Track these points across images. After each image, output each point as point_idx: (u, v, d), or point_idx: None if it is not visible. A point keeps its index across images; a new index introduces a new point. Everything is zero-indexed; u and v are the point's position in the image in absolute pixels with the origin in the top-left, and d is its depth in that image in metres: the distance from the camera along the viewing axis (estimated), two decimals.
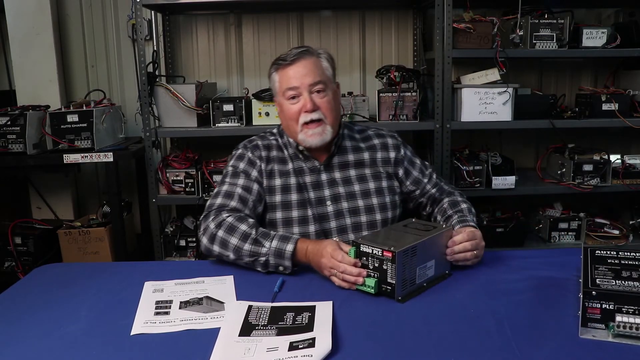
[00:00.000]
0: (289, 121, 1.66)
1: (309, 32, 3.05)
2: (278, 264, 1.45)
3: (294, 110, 1.63)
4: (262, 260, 1.46)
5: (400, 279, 1.27)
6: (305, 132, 1.63)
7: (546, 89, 3.07)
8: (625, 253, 1.23)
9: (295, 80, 1.62)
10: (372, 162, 1.75)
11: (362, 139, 1.80)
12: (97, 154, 2.54)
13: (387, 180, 1.75)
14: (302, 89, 1.62)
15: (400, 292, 1.28)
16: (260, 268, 1.48)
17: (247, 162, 1.69)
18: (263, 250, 1.46)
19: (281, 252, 1.45)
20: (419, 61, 3.00)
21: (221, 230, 1.51)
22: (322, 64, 1.66)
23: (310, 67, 1.63)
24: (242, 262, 1.49)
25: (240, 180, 1.65)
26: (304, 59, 1.63)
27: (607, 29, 2.61)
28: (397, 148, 1.78)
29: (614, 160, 2.69)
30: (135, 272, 1.53)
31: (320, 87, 1.63)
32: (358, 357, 1.05)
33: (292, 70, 1.63)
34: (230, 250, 1.49)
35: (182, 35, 3.06)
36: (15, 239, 2.74)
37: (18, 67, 2.94)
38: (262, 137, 1.77)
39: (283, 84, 1.65)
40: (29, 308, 1.30)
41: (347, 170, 1.73)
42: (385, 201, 1.72)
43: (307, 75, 1.62)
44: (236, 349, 1.08)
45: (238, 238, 1.49)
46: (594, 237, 2.74)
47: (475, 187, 2.64)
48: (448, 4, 2.49)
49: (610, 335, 1.07)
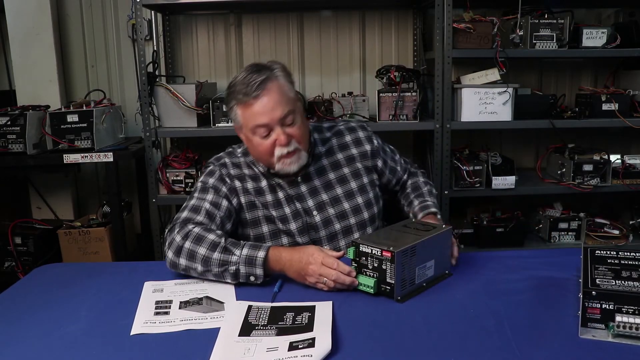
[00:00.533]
0: (261, 155, 1.55)
1: (309, 32, 3.05)
2: (249, 273, 1.37)
3: (266, 146, 1.51)
4: (232, 269, 1.38)
5: (399, 279, 1.27)
6: (282, 162, 1.53)
7: (546, 89, 3.07)
8: (625, 253, 1.23)
9: (264, 117, 1.48)
10: (349, 160, 1.70)
11: (334, 135, 1.73)
12: (97, 154, 2.54)
13: (367, 175, 1.71)
14: (273, 124, 1.49)
15: (399, 292, 1.28)
16: (230, 279, 1.39)
17: (218, 179, 1.60)
18: (233, 259, 1.38)
19: (252, 259, 1.37)
20: (419, 61, 3.00)
21: (188, 242, 1.42)
22: (283, 87, 1.52)
23: (275, 97, 1.48)
24: (211, 274, 1.41)
25: (208, 195, 1.57)
26: (267, 88, 1.48)
27: (607, 29, 2.61)
28: (370, 140, 1.73)
29: (614, 160, 2.69)
30: (135, 272, 1.53)
31: (290, 118, 1.50)
32: (358, 357, 1.05)
33: (257, 105, 1.48)
34: (199, 261, 1.40)
35: (182, 35, 3.06)
36: (15, 239, 2.74)
37: (18, 67, 2.94)
38: (229, 154, 1.69)
39: (250, 121, 1.50)
40: (29, 308, 1.30)
41: (326, 175, 1.67)
42: (370, 197, 1.69)
43: (275, 109, 1.48)
44: (236, 349, 1.08)
45: (206, 248, 1.40)
46: (594, 237, 2.74)
47: (475, 187, 2.64)
48: (448, 4, 2.49)
49: (610, 335, 1.07)
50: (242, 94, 1.49)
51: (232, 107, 1.54)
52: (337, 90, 2.92)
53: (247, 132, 1.54)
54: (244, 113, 1.51)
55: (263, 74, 1.49)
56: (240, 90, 1.49)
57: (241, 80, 1.50)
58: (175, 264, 1.44)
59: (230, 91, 1.54)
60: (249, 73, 1.50)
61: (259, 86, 1.47)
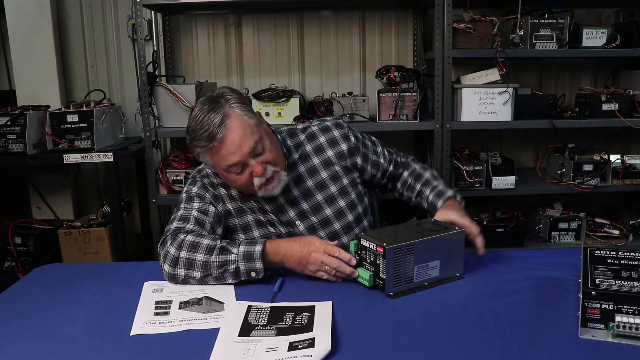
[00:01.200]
0: (242, 187, 1.53)
1: (309, 32, 3.05)
2: (249, 269, 1.37)
3: (244, 180, 1.48)
4: (232, 268, 1.38)
5: (391, 274, 1.29)
6: (265, 189, 1.50)
7: (546, 89, 3.07)
8: (625, 253, 1.23)
9: (234, 157, 1.43)
10: (326, 163, 1.65)
11: (307, 139, 1.67)
12: (97, 154, 2.54)
13: (347, 176, 1.66)
14: (245, 159, 1.44)
15: (391, 288, 1.30)
16: (231, 279, 1.39)
17: (201, 187, 1.59)
18: (231, 257, 1.38)
19: (250, 254, 1.37)
20: (419, 61, 3.00)
21: (183, 251, 1.41)
22: (242, 117, 1.44)
23: (239, 132, 1.42)
24: (211, 278, 1.40)
25: (195, 204, 1.55)
26: (227, 126, 1.41)
27: (607, 29, 2.61)
28: (346, 138, 1.67)
29: (614, 160, 2.69)
30: (135, 272, 1.53)
31: (259, 148, 1.45)
32: (358, 357, 1.05)
33: (224, 147, 1.42)
34: (198, 268, 1.39)
35: (182, 35, 3.06)
36: (15, 239, 2.74)
37: (18, 67, 2.94)
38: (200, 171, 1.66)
39: (221, 163, 1.45)
40: (29, 308, 1.30)
41: (304, 183, 1.63)
42: (352, 198, 1.66)
43: (242, 145, 1.42)
44: (236, 349, 1.08)
45: (203, 253, 1.40)
46: (594, 237, 2.74)
47: (475, 187, 2.64)
48: (448, 4, 2.49)
49: (610, 336, 1.07)
50: (204, 141, 1.43)
51: (199, 153, 1.48)
52: (337, 90, 2.92)
53: (220, 171, 1.51)
54: (212, 157, 1.47)
55: (219, 112, 1.42)
56: (201, 136, 1.43)
57: (199, 123, 1.43)
58: (174, 276, 1.42)
59: (191, 138, 1.47)
60: (205, 114, 1.43)
61: (219, 127, 1.41)
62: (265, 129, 1.53)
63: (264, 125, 1.53)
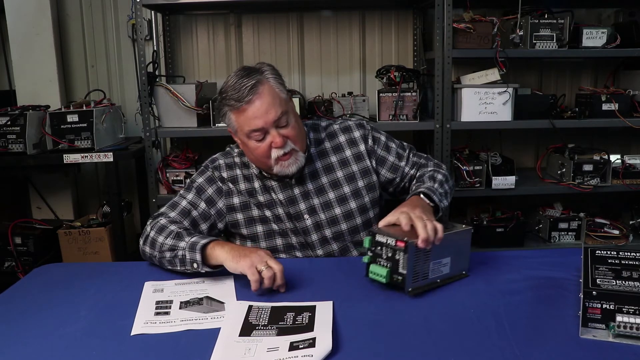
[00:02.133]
0: (258, 157, 1.55)
1: (309, 32, 3.05)
2: (192, 259, 1.39)
3: (263, 149, 1.51)
4: (180, 254, 1.41)
5: (411, 270, 1.27)
6: (280, 164, 1.53)
7: (546, 89, 3.07)
8: (625, 253, 1.23)
9: (258, 121, 1.48)
10: (343, 163, 1.66)
11: (328, 136, 1.69)
12: (97, 154, 2.54)
13: (364, 178, 1.66)
14: (268, 127, 1.49)
15: (410, 284, 1.28)
16: (180, 266, 1.43)
17: (206, 180, 1.62)
18: (181, 244, 1.42)
19: (194, 244, 1.39)
20: (419, 61, 3.00)
21: (153, 231, 1.51)
22: (274, 89, 1.51)
23: (268, 99, 1.48)
24: (166, 260, 1.45)
25: (190, 195, 1.61)
26: (258, 92, 1.47)
27: (607, 29, 2.61)
28: (364, 139, 1.68)
29: (614, 160, 2.69)
30: (135, 272, 1.53)
31: (283, 120, 1.50)
32: (358, 357, 1.05)
33: (250, 110, 1.47)
34: (157, 248, 1.47)
35: (182, 35, 3.06)
36: (15, 239, 2.74)
37: (18, 67, 2.94)
38: (225, 155, 1.69)
39: (244, 126, 1.50)
40: (29, 308, 1.30)
41: (319, 179, 1.64)
42: (365, 202, 1.65)
43: (268, 112, 1.47)
44: (236, 349, 1.08)
45: (165, 236, 1.47)
46: (594, 237, 2.74)
47: (475, 187, 2.64)
48: (448, 4, 2.49)
49: (611, 336, 1.07)
50: (234, 100, 1.49)
51: (225, 113, 1.54)
52: (337, 90, 2.92)
53: (242, 136, 1.55)
54: (237, 119, 1.52)
55: (253, 78, 1.48)
56: (232, 96, 1.49)
57: (232, 85, 1.50)
58: (143, 252, 1.53)
59: (221, 97, 1.54)
60: (239, 78, 1.49)
61: (251, 90, 1.47)
62: (293, 108, 1.59)
63: (292, 105, 1.60)
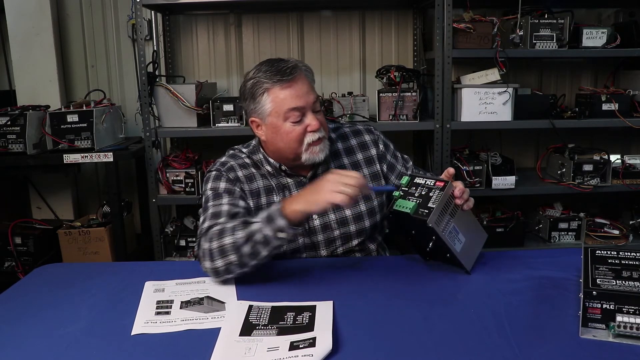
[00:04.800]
0: (290, 143, 1.51)
1: (309, 32, 3.05)
2: (276, 230, 1.33)
3: (298, 133, 1.50)
4: (260, 237, 1.33)
5: (440, 206, 1.32)
6: (311, 150, 1.52)
7: (546, 89, 3.07)
8: (625, 253, 1.23)
9: (300, 100, 1.48)
10: (354, 166, 1.67)
11: (339, 138, 1.70)
12: (97, 154, 2.54)
13: (373, 182, 1.67)
14: (308, 108, 1.50)
15: (434, 218, 1.32)
16: (265, 250, 1.34)
17: (227, 181, 1.56)
18: (255, 227, 1.34)
19: (270, 215, 1.34)
20: (419, 61, 3.00)
21: (214, 242, 1.37)
22: (309, 78, 1.55)
23: (306, 83, 1.51)
24: (246, 256, 1.34)
25: (224, 199, 1.51)
26: (297, 75, 1.50)
27: (607, 29, 2.61)
28: (375, 143, 1.70)
29: (614, 160, 2.69)
30: (135, 272, 1.53)
31: (318, 105, 1.54)
32: (358, 357, 1.05)
33: (292, 89, 1.48)
34: (231, 252, 1.34)
35: (182, 35, 3.06)
36: (15, 239, 2.74)
37: (18, 67, 2.94)
38: (233, 157, 1.64)
39: (283, 105, 1.48)
40: (29, 308, 1.30)
41: None
42: (374, 205, 1.65)
43: (309, 93, 1.50)
44: (237, 349, 1.08)
45: (229, 235, 1.36)
46: (594, 237, 2.74)
47: (475, 187, 2.64)
48: (448, 4, 2.49)
49: (611, 335, 1.07)
50: (276, 78, 1.48)
51: (261, 94, 1.50)
52: (337, 90, 2.92)
53: (275, 119, 1.50)
54: (276, 97, 1.49)
55: (290, 62, 1.51)
56: (272, 76, 1.48)
57: (268, 69, 1.50)
58: (216, 270, 1.38)
59: (255, 81, 1.51)
60: (275, 62, 1.51)
61: (293, 70, 1.49)
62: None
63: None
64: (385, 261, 1.65)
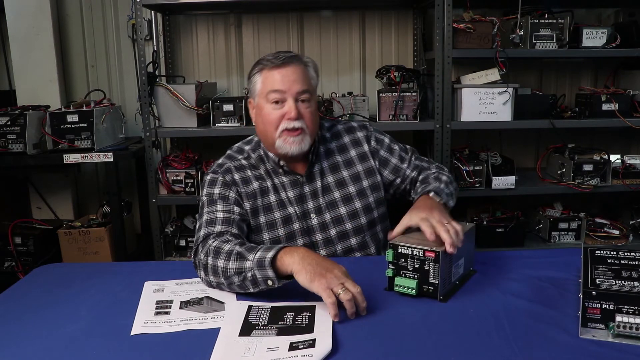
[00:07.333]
0: (267, 125, 1.56)
1: (309, 32, 3.05)
2: (264, 277, 1.26)
3: (275, 116, 1.54)
4: (250, 276, 1.28)
5: (442, 278, 1.26)
6: (285, 138, 1.54)
7: (546, 89, 3.07)
8: (625, 253, 1.23)
9: (281, 84, 1.53)
10: (348, 163, 1.68)
11: (333, 136, 1.72)
12: (97, 154, 2.54)
13: (368, 178, 1.68)
14: (288, 95, 1.53)
15: (442, 292, 1.27)
16: (252, 287, 1.29)
17: (222, 186, 1.57)
18: (247, 265, 1.28)
19: (261, 261, 1.26)
20: (419, 61, 3.00)
21: (210, 258, 1.37)
22: (309, 73, 1.59)
23: (299, 73, 1.55)
24: (235, 286, 1.32)
25: (218, 206, 1.53)
26: (293, 64, 1.55)
27: (607, 29, 2.61)
28: (367, 140, 1.71)
29: (614, 160, 2.69)
30: (135, 272, 1.53)
31: (306, 97, 1.55)
32: (358, 357, 1.05)
33: (279, 73, 1.54)
34: (221, 274, 1.33)
35: (182, 35, 3.06)
36: (15, 239, 2.74)
37: (18, 67, 2.94)
38: (230, 158, 1.65)
39: (267, 85, 1.55)
40: (29, 308, 1.30)
41: (326, 178, 1.66)
42: (369, 202, 1.66)
43: (295, 82, 1.54)
44: (236, 349, 1.08)
45: (224, 259, 1.34)
46: (594, 237, 2.74)
47: (475, 187, 2.64)
48: (448, 4, 2.49)
49: (610, 336, 1.07)
50: (268, 61, 1.55)
51: (255, 74, 1.59)
52: (337, 90, 2.92)
53: (260, 99, 1.58)
54: (264, 79, 1.56)
55: (293, 54, 1.59)
56: (268, 58, 1.56)
57: (271, 55, 1.58)
58: (209, 283, 1.38)
59: (256, 62, 1.60)
60: (281, 51, 1.59)
61: (288, 59, 1.55)
62: (316, 102, 1.65)
63: (316, 99, 1.65)
64: (385, 261, 1.64)
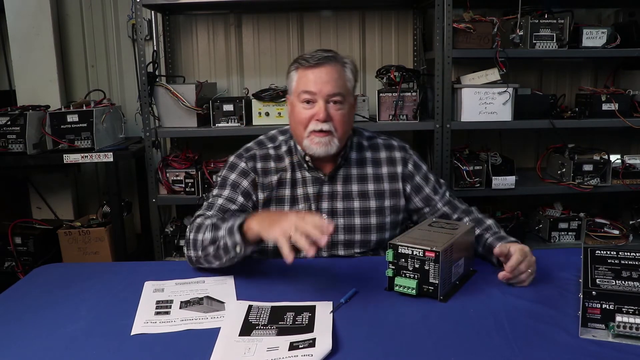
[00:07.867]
0: (297, 124, 1.57)
1: (309, 32, 3.05)
2: (233, 243, 1.33)
3: (305, 116, 1.54)
4: (222, 244, 1.35)
5: (442, 278, 1.26)
6: (311, 139, 1.54)
7: (546, 89, 3.07)
8: (625, 253, 1.23)
9: (313, 85, 1.53)
10: (376, 178, 1.66)
11: (370, 147, 1.69)
12: (97, 154, 2.54)
13: (391, 199, 1.65)
14: (319, 97, 1.52)
15: (442, 291, 1.27)
16: (225, 256, 1.37)
17: (239, 173, 1.60)
18: (220, 233, 1.36)
19: (232, 227, 1.34)
20: (419, 61, 3.00)
21: (192, 233, 1.45)
22: (345, 74, 1.57)
23: (333, 75, 1.53)
24: (211, 257, 1.40)
25: (225, 191, 1.58)
26: (328, 64, 1.54)
27: (607, 29, 2.61)
28: (404, 162, 1.68)
29: (614, 160, 2.69)
30: (135, 272, 1.53)
31: (337, 99, 1.54)
32: (358, 357, 1.05)
33: (313, 73, 1.53)
34: (199, 248, 1.41)
35: (182, 35, 3.06)
36: (15, 239, 2.74)
37: (18, 67, 2.94)
38: (260, 145, 1.66)
39: (300, 85, 1.55)
40: (29, 308, 1.30)
41: (350, 185, 1.64)
42: (385, 221, 1.64)
43: (327, 84, 1.52)
44: (236, 349, 1.08)
45: (202, 232, 1.42)
46: (594, 237, 2.74)
47: (475, 187, 2.64)
48: (448, 4, 2.49)
49: (611, 336, 1.07)
50: (304, 60, 1.56)
51: (291, 72, 1.60)
52: None
53: (294, 97, 1.59)
54: (299, 78, 1.57)
55: (331, 54, 1.57)
56: (305, 57, 1.57)
57: (311, 51, 1.59)
58: (189, 258, 1.47)
59: (295, 59, 1.60)
60: (320, 49, 1.59)
61: (323, 59, 1.54)
62: (352, 104, 1.62)
63: (353, 102, 1.63)
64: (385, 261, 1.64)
